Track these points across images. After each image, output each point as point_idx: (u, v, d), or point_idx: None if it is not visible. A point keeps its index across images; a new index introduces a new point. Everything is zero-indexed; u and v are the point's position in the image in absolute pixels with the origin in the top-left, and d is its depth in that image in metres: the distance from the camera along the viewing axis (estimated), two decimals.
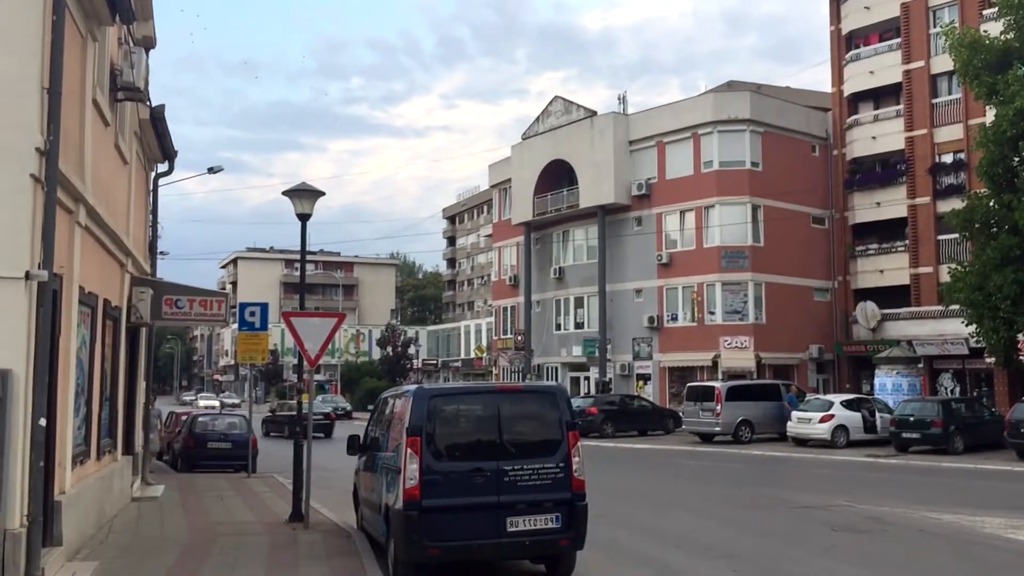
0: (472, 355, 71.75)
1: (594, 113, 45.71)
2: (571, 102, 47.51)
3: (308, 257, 15.16)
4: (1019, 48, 25.75)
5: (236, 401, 74.16)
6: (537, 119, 49.05)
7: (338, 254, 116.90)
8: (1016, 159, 25.82)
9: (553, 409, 9.89)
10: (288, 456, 15.43)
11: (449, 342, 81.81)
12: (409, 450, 9.20)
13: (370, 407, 13.82)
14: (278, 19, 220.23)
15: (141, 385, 18.32)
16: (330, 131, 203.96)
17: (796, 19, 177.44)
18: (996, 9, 26.93)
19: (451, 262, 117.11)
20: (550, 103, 48.59)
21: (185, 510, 15.43)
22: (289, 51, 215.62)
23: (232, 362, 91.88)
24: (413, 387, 10.32)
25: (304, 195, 14.18)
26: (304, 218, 14.26)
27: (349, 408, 58.60)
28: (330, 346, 14.31)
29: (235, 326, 24.64)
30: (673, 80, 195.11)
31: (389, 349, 74.15)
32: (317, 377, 72.06)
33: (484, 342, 67.03)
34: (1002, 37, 26.12)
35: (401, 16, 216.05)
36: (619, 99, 46.51)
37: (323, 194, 14.36)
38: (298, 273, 16.03)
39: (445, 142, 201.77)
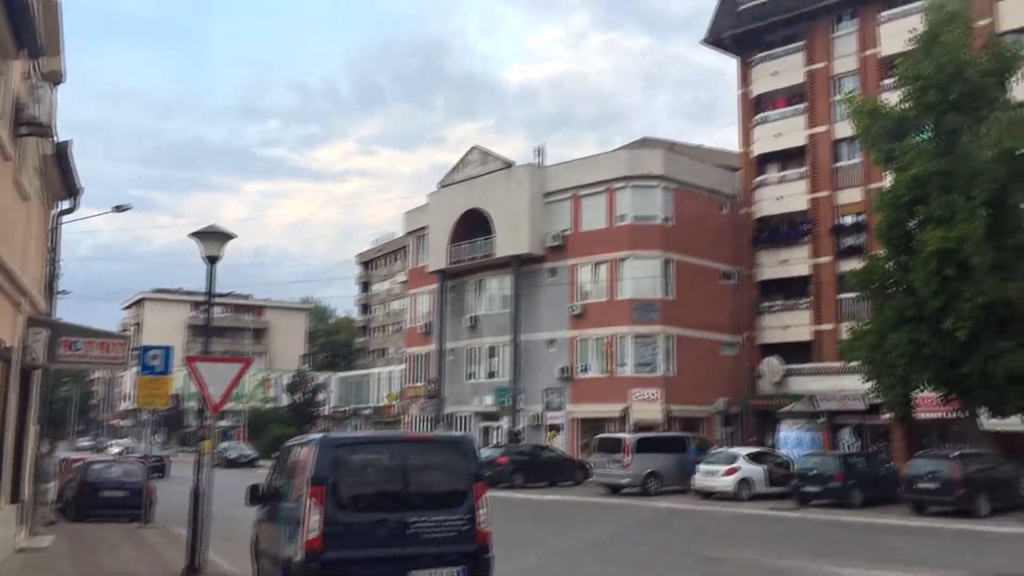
0: (383, 403, 70.88)
1: (511, 164, 46.24)
2: (489, 152, 47.99)
3: (217, 300, 14.84)
4: (915, 118, 27.06)
5: (130, 446, 71.59)
6: (455, 168, 49.35)
7: (249, 297, 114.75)
8: (912, 223, 27.00)
9: (461, 460, 9.83)
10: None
11: (360, 389, 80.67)
12: (311, 500, 8.99)
13: (276, 455, 13.47)
14: (198, 57, 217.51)
15: (32, 430, 17.52)
16: (246, 172, 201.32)
17: (710, 80, 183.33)
18: (895, 80, 28.29)
19: (364, 308, 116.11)
20: (468, 153, 48.99)
21: (75, 561, 14.73)
22: (207, 90, 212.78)
23: (132, 406, 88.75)
24: (318, 435, 10.14)
25: (213, 237, 13.89)
26: (212, 261, 13.97)
27: (254, 455, 57.11)
28: (237, 391, 14.00)
29: (136, 369, 23.84)
30: (590, 134, 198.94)
31: (298, 395, 72.74)
32: (222, 423, 70.03)
33: (395, 390, 66.30)
34: (900, 107, 27.43)
35: (321, 60, 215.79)
36: (536, 151, 47.21)
37: (233, 237, 14.10)
38: (206, 315, 15.62)
39: (362, 187, 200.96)
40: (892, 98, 28.62)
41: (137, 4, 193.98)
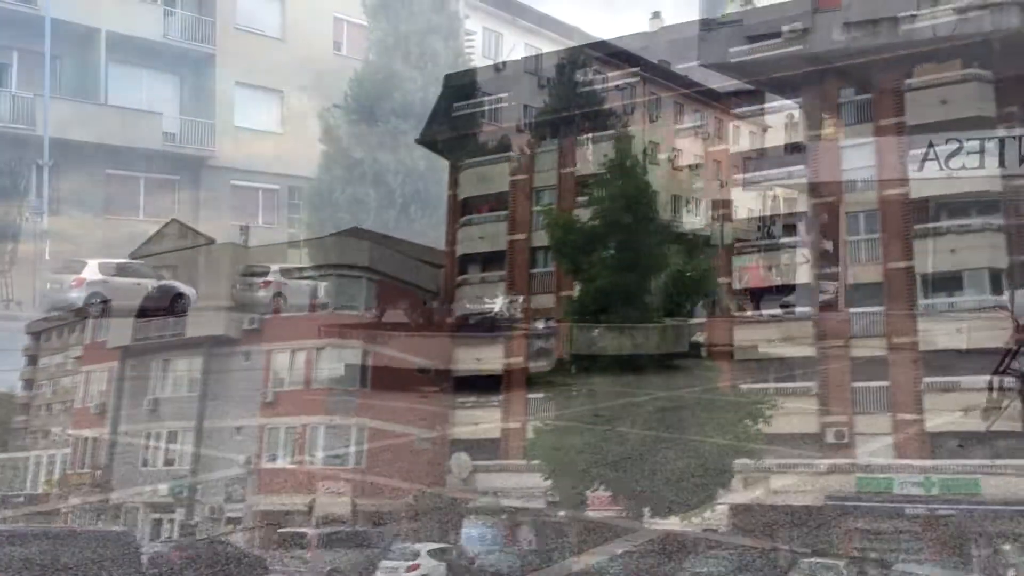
0: (41, 491, 63.62)
1: (213, 241, 44.43)
2: (189, 227, 45.82)
3: None
4: (603, 235, 29.34)
5: None
6: (150, 240, 46.51)
7: None
8: (595, 331, 28.92)
9: (119, 557, 8.89)
10: None
11: (14, 474, 71.99)
12: None
13: None
14: None
15: None
16: None
17: (423, 178, 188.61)
18: (587, 198, 30.66)
19: (29, 383, 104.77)
20: (166, 225, 46.46)
21: None
22: None
23: None
24: None
25: None
26: None
27: None
28: None
29: None
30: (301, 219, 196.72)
31: None
32: None
33: (56, 476, 59.81)
34: (590, 223, 29.65)
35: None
36: (241, 230, 45.63)
37: None
38: None
39: (37, 249, 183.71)
40: (584, 214, 30.89)
41: None
